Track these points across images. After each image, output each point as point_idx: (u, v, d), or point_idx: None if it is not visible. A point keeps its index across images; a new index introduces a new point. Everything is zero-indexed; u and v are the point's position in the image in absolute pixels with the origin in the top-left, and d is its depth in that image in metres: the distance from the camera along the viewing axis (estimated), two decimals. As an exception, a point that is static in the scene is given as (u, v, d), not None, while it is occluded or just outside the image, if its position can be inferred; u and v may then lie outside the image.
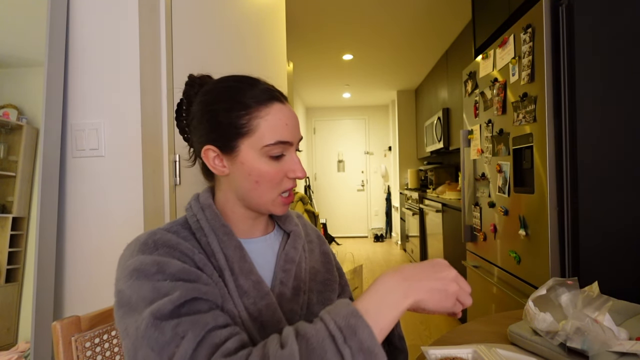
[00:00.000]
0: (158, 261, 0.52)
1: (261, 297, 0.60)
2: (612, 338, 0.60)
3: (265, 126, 0.59)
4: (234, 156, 0.60)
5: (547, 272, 1.33)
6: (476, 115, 1.98)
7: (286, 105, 0.63)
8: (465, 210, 2.12)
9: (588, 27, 1.25)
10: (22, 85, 1.41)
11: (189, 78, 0.69)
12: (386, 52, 3.94)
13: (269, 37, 1.65)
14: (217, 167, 0.62)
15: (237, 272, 0.59)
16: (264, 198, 0.62)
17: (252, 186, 0.61)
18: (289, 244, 0.70)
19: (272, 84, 0.65)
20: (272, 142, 0.59)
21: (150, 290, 0.49)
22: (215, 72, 0.75)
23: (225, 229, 0.62)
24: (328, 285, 0.74)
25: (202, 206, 0.64)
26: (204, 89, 0.65)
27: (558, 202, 1.32)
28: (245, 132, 0.59)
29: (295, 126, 0.63)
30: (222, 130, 0.60)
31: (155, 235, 0.57)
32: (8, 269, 1.37)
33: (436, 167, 4.22)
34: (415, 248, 4.17)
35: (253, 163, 0.60)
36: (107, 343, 0.72)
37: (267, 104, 0.60)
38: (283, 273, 0.66)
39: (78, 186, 1.08)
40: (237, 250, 0.61)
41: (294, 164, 0.62)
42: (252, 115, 0.59)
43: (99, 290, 1.07)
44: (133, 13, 1.07)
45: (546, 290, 0.71)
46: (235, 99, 0.60)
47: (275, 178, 0.61)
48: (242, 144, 0.59)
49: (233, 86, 0.62)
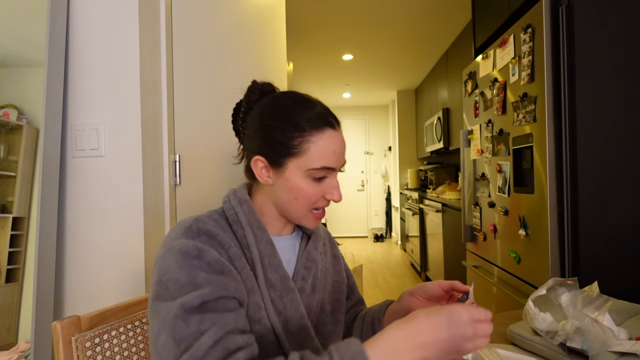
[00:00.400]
0: (199, 247, 0.57)
1: (287, 292, 0.65)
2: (612, 338, 0.60)
3: (314, 150, 0.63)
4: (280, 172, 0.65)
5: (547, 272, 1.33)
6: (476, 115, 1.98)
7: (338, 131, 0.66)
8: (465, 210, 2.12)
9: (588, 27, 1.25)
10: (22, 85, 1.41)
11: (252, 83, 0.72)
12: (386, 52, 3.94)
13: (269, 37, 1.65)
14: (262, 176, 0.67)
15: (267, 266, 0.64)
16: (299, 213, 0.67)
17: (290, 201, 0.66)
18: (310, 244, 0.74)
19: (328, 108, 0.68)
20: (318, 167, 0.63)
21: (187, 275, 0.54)
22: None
23: (259, 225, 0.66)
24: (337, 287, 0.78)
25: (239, 200, 0.68)
26: (265, 101, 0.69)
27: (558, 202, 1.32)
28: (295, 152, 0.63)
29: (342, 153, 0.66)
30: (274, 147, 0.64)
31: (198, 222, 0.61)
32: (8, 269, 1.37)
33: (436, 167, 4.22)
34: (415, 248, 4.17)
35: (296, 181, 0.64)
36: (107, 343, 0.72)
37: (320, 129, 0.63)
38: (305, 270, 0.71)
39: (78, 186, 1.08)
40: (269, 245, 0.65)
41: (333, 188, 0.66)
42: (304, 139, 0.62)
43: (99, 290, 1.07)
44: (133, 13, 1.07)
45: (546, 290, 0.71)
46: (291, 120, 0.63)
47: (313, 198, 0.65)
48: (290, 163, 0.64)
49: (291, 106, 0.65)
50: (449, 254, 2.99)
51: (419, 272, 4.10)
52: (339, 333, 0.75)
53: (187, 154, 1.23)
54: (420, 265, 3.98)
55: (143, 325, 0.79)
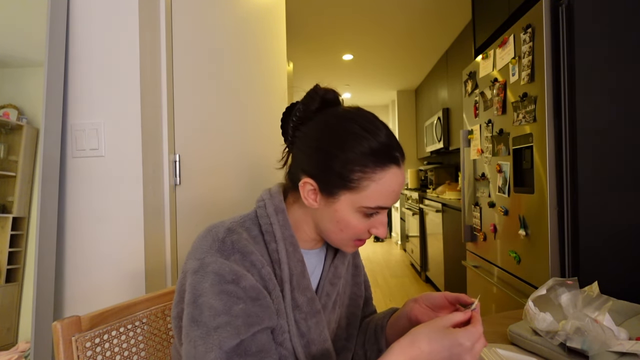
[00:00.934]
0: (235, 271, 0.55)
1: (312, 314, 0.62)
2: (612, 338, 0.60)
3: (374, 189, 0.58)
4: (330, 201, 0.60)
5: (547, 272, 1.33)
6: (476, 115, 1.98)
7: (401, 168, 0.60)
8: (465, 210, 2.12)
9: (588, 27, 1.25)
10: (22, 85, 1.41)
11: (313, 88, 0.65)
12: (386, 52, 3.94)
13: (269, 37, 1.65)
14: (308, 199, 0.61)
15: (295, 285, 0.61)
16: (341, 242, 0.64)
17: (335, 230, 0.62)
18: (338, 258, 0.71)
19: (393, 134, 0.62)
20: (372, 206, 0.59)
21: (223, 304, 0.52)
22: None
23: (292, 240, 0.62)
24: (354, 300, 0.75)
25: (276, 209, 0.63)
26: (327, 118, 0.62)
27: (558, 202, 1.32)
28: (352, 187, 0.58)
29: (399, 192, 0.61)
30: (329, 175, 0.59)
31: (232, 234, 0.58)
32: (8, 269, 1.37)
33: (436, 167, 4.22)
34: (415, 248, 4.17)
35: (345, 215, 0.60)
36: (108, 343, 0.72)
37: (384, 167, 0.58)
38: (330, 286, 0.68)
39: (78, 186, 1.08)
40: (299, 264, 0.62)
41: (380, 225, 0.62)
42: (366, 175, 0.57)
43: (99, 290, 1.07)
44: (133, 13, 1.07)
45: (546, 290, 0.71)
46: (354, 151, 0.57)
47: (360, 232, 0.62)
48: (343, 195, 0.59)
49: (357, 134, 0.58)
50: (449, 254, 2.99)
51: (419, 272, 4.10)
52: (350, 348, 0.73)
53: (187, 154, 1.23)
54: (420, 265, 3.98)
55: (143, 325, 0.79)
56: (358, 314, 0.76)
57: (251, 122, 1.49)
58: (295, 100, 0.68)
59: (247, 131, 1.47)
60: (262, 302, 0.56)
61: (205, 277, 0.54)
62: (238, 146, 1.42)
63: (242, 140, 1.45)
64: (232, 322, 0.52)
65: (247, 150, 1.46)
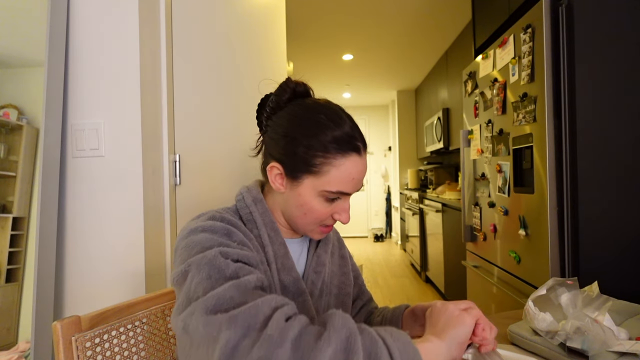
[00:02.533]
0: (227, 228, 0.58)
1: (299, 294, 0.65)
2: (612, 338, 0.60)
3: (334, 174, 0.61)
4: (294, 185, 0.64)
5: (547, 272, 1.33)
6: (476, 115, 1.98)
7: (362, 157, 0.64)
8: (465, 210, 2.12)
9: (588, 27, 1.25)
10: (22, 85, 1.41)
11: (285, 80, 0.70)
12: (386, 52, 3.93)
13: (269, 37, 1.65)
14: (275, 183, 0.66)
15: (280, 267, 0.64)
16: (305, 227, 0.67)
17: (299, 215, 0.65)
18: (320, 247, 0.74)
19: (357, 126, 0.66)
20: (333, 191, 0.62)
21: (220, 242, 0.55)
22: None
23: (273, 225, 0.66)
24: (342, 289, 0.78)
25: (254, 199, 0.68)
26: (296, 108, 0.66)
27: (558, 202, 1.32)
28: (314, 171, 0.61)
29: (360, 180, 0.65)
30: (294, 160, 0.63)
31: (218, 213, 0.62)
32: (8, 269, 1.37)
33: (436, 167, 4.22)
34: (415, 248, 4.17)
35: (308, 199, 0.63)
36: (108, 343, 0.72)
37: (344, 154, 0.61)
38: (315, 274, 0.71)
39: (78, 186, 1.08)
40: (282, 247, 0.66)
41: (343, 211, 0.66)
42: (327, 160, 0.61)
43: (99, 290, 1.07)
44: (133, 13, 1.07)
45: (546, 290, 0.71)
46: (318, 138, 0.61)
47: (322, 216, 0.65)
48: (306, 179, 0.62)
49: (321, 123, 0.62)
50: (449, 254, 2.99)
51: (419, 272, 4.10)
52: None
53: (187, 154, 1.23)
54: (420, 265, 3.98)
55: (143, 325, 0.79)
56: (348, 302, 0.78)
57: (251, 122, 1.49)
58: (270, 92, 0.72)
59: (248, 131, 1.47)
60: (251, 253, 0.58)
61: (197, 234, 0.56)
62: (238, 146, 1.42)
63: (243, 140, 1.45)
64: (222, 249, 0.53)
65: (247, 150, 1.46)
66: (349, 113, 0.67)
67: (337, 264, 0.80)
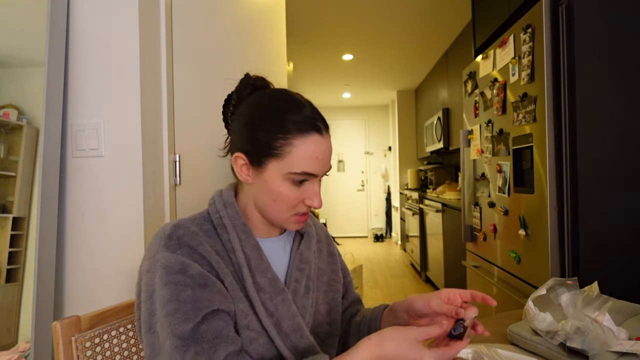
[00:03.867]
0: (181, 261, 0.57)
1: (277, 293, 0.64)
2: (612, 338, 0.60)
3: (296, 154, 0.61)
4: (260, 172, 0.63)
5: (547, 272, 1.33)
6: (476, 115, 1.98)
7: (324, 137, 0.64)
8: (465, 210, 2.12)
9: (588, 27, 1.25)
10: (22, 85, 1.41)
11: (244, 76, 0.71)
12: (386, 52, 3.93)
13: (269, 37, 1.65)
14: (242, 174, 0.66)
15: (254, 269, 0.63)
16: (279, 216, 0.65)
17: (269, 202, 0.64)
18: (303, 244, 0.73)
19: (318, 111, 0.66)
20: (298, 172, 0.61)
21: (171, 291, 0.55)
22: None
23: (244, 228, 0.65)
24: (332, 286, 0.77)
25: (224, 203, 0.68)
26: (255, 98, 0.67)
27: (558, 202, 1.32)
28: (277, 154, 0.61)
29: (325, 160, 0.64)
30: (256, 146, 0.62)
31: (178, 229, 0.61)
32: (8, 269, 1.37)
33: (436, 167, 4.22)
34: (415, 248, 4.17)
35: (275, 184, 0.62)
36: (107, 343, 0.72)
37: (304, 134, 0.61)
38: (298, 272, 0.70)
39: (78, 186, 1.08)
40: (255, 249, 0.64)
41: (313, 195, 0.64)
42: (287, 141, 0.60)
43: (99, 290, 1.07)
44: (133, 13, 1.07)
45: (546, 290, 0.71)
46: (277, 121, 0.61)
47: (292, 202, 0.64)
48: (270, 164, 0.62)
49: (279, 107, 0.63)
50: (449, 254, 2.99)
51: (419, 272, 4.10)
52: (335, 333, 0.74)
53: (187, 154, 1.23)
54: (420, 265, 3.98)
55: (143, 325, 0.79)
56: (338, 299, 0.78)
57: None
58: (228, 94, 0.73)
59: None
60: (212, 288, 0.57)
61: (155, 273, 0.57)
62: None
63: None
64: (181, 308, 0.54)
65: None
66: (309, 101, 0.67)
67: (326, 260, 0.79)
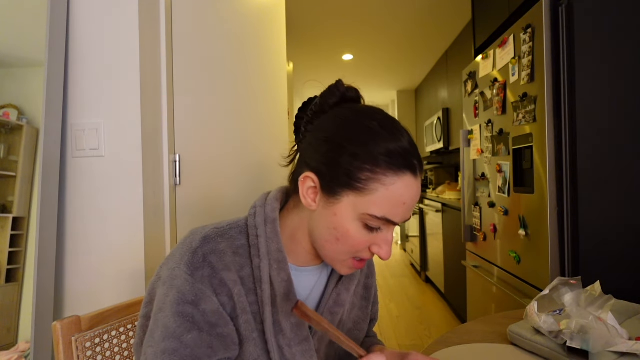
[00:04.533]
0: (197, 292, 0.51)
1: (298, 342, 0.56)
2: (616, 336, 0.60)
3: (382, 195, 0.50)
4: (331, 202, 0.52)
5: (547, 272, 1.33)
6: (476, 115, 1.98)
7: (417, 179, 0.53)
8: (465, 210, 2.12)
9: (588, 27, 1.25)
10: (22, 85, 1.41)
11: (335, 83, 0.60)
12: (386, 52, 3.94)
13: (269, 37, 1.65)
14: (307, 197, 0.55)
15: (278, 308, 0.55)
16: (335, 256, 0.55)
17: (330, 239, 0.54)
18: (343, 283, 0.63)
19: (416, 145, 0.55)
20: (378, 216, 0.51)
21: (177, 326, 0.50)
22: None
23: (279, 255, 0.56)
24: (358, 324, 0.69)
25: (266, 218, 0.57)
26: (344, 111, 0.56)
27: (558, 202, 1.32)
28: (358, 188, 0.50)
29: (411, 208, 0.54)
30: (335, 171, 0.52)
31: (207, 244, 0.54)
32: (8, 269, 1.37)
33: (436, 167, 4.22)
34: (415, 248, 4.17)
35: (345, 221, 0.52)
36: (108, 343, 0.72)
37: (398, 172, 0.50)
38: (330, 316, 0.61)
39: (78, 186, 1.08)
40: (285, 284, 0.55)
41: (385, 243, 0.54)
42: (375, 176, 0.50)
43: (99, 290, 1.07)
44: (133, 13, 1.07)
45: (549, 290, 0.71)
46: (368, 148, 0.50)
47: (358, 246, 0.53)
48: (346, 197, 0.51)
49: (373, 130, 0.52)
50: (449, 254, 2.99)
51: (419, 272, 4.10)
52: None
53: (187, 154, 1.23)
54: (420, 265, 3.98)
55: (143, 325, 0.79)
56: (361, 338, 0.69)
57: (251, 121, 1.49)
58: (309, 97, 0.63)
59: (248, 131, 1.47)
60: (221, 331, 0.51)
61: (170, 291, 0.52)
62: (238, 146, 1.42)
63: (243, 140, 1.45)
64: (180, 351, 0.49)
65: (247, 150, 1.46)
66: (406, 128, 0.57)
67: (360, 295, 0.69)
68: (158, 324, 0.51)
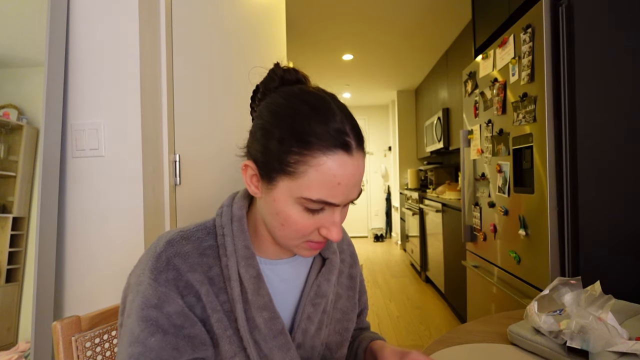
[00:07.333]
0: (160, 296, 0.51)
1: (273, 336, 0.55)
2: (616, 336, 0.60)
3: (313, 177, 0.48)
4: (270, 188, 0.52)
5: (547, 272, 1.33)
6: (476, 115, 1.98)
7: (353, 156, 0.50)
8: (465, 210, 2.12)
9: (588, 27, 1.25)
10: (22, 85, 1.41)
11: (274, 66, 0.59)
12: (386, 52, 3.94)
13: (269, 37, 1.65)
14: (251, 186, 0.55)
15: (250, 304, 0.55)
16: (287, 242, 0.55)
17: (277, 225, 0.53)
18: (322, 274, 0.63)
19: (354, 120, 0.54)
20: (313, 199, 0.49)
21: (141, 330, 0.50)
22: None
23: (247, 252, 0.56)
24: (347, 314, 0.68)
25: (232, 217, 0.58)
26: (275, 96, 0.55)
27: (558, 202, 1.32)
28: (289, 172, 0.49)
29: (350, 187, 0.51)
30: (268, 157, 0.51)
31: (170, 247, 0.54)
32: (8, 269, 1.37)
33: (436, 167, 4.22)
34: (415, 248, 4.17)
35: (284, 206, 0.51)
36: (108, 343, 0.72)
37: (326, 151, 0.48)
38: (312, 308, 0.60)
39: (78, 186, 1.08)
40: (254, 280, 0.55)
41: (332, 224, 0.52)
42: (302, 158, 0.48)
43: (99, 290, 1.07)
44: (133, 13, 1.07)
45: (549, 290, 0.71)
46: (294, 130, 0.49)
47: (304, 230, 0.52)
48: (281, 181, 0.50)
49: (301, 111, 0.50)
50: (449, 254, 2.99)
51: (419, 272, 4.10)
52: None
53: (187, 154, 1.23)
54: (420, 265, 3.98)
55: (143, 325, 0.79)
56: (351, 328, 0.68)
57: (251, 121, 1.49)
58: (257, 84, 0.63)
59: (248, 131, 1.47)
60: (187, 332, 0.51)
61: (136, 296, 0.52)
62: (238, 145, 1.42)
63: (242, 140, 1.45)
64: (145, 354, 0.49)
65: (247, 150, 1.46)
66: (344, 104, 0.55)
67: (345, 284, 0.69)
68: (126, 330, 0.52)
